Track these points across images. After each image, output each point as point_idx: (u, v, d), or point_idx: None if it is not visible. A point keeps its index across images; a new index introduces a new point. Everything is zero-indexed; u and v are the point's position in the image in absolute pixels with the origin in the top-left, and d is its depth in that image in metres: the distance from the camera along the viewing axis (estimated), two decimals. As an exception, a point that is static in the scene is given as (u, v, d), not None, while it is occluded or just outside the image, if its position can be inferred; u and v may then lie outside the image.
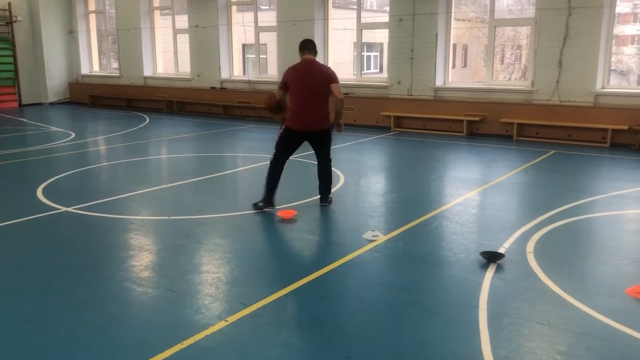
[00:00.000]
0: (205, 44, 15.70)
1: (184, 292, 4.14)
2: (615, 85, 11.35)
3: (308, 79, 6.02)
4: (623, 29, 31.38)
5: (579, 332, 3.52)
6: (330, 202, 6.41)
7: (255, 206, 6.17)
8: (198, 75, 16.10)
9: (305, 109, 6.02)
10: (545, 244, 5.12)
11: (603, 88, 10.65)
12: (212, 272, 4.51)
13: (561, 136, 10.78)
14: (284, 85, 6.07)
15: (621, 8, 30.52)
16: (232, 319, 3.69)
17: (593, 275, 4.53)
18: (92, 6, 18.88)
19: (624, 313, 3.78)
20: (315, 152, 6.39)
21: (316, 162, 6.44)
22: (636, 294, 4.04)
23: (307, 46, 6.14)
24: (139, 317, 3.77)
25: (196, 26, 15.71)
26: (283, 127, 6.16)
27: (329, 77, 6.07)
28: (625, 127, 10.12)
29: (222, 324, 3.61)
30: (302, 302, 3.95)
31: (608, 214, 6.19)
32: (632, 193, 7.08)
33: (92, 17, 19.03)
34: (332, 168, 6.53)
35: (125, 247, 5.13)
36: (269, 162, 6.26)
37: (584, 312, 3.79)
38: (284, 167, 6.25)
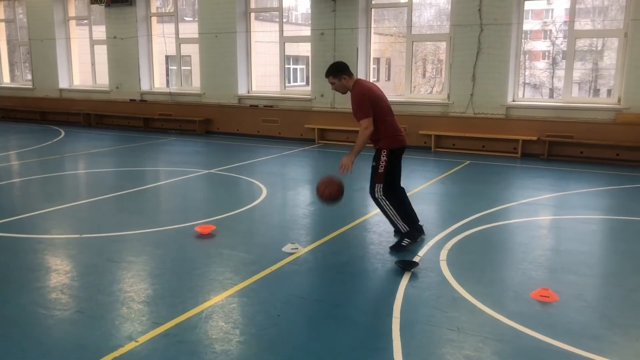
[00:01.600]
0: (124, 55, 15.27)
1: (93, 313, 3.97)
2: (524, 98, 11.99)
3: (384, 95, 5.50)
4: (535, 45, 33.30)
5: (486, 336, 3.65)
6: None
7: (401, 247, 5.33)
8: (117, 87, 15.62)
9: (397, 124, 5.49)
10: (457, 251, 5.30)
11: (514, 101, 11.21)
12: (124, 292, 4.35)
13: (476, 147, 11.25)
14: (371, 112, 5.26)
15: (532, 25, 32.38)
16: (143, 339, 3.57)
17: (501, 280, 4.73)
18: (1, 14, 17.94)
19: (528, 316, 3.96)
20: (398, 175, 5.68)
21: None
22: (540, 297, 4.25)
23: (347, 66, 5.45)
24: (43, 342, 3.57)
25: (114, 37, 15.26)
26: (386, 153, 5.34)
27: None
28: (534, 138, 10.69)
29: (132, 345, 3.49)
30: (217, 319, 3.87)
31: (518, 221, 6.49)
32: (541, 200, 7.47)
33: (1, 26, 18.08)
34: (254, 181, 6.48)
35: (31, 268, 4.86)
36: (380, 200, 5.40)
37: (492, 316, 3.94)
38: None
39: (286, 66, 14.07)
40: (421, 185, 8.26)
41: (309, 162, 10.80)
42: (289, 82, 22.48)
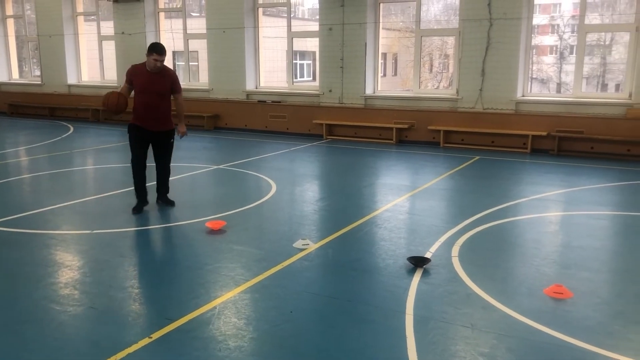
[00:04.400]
0: (132, 51, 15.27)
1: (106, 309, 3.97)
2: (534, 93, 11.92)
3: None
4: (542, 40, 33.09)
5: (501, 333, 3.63)
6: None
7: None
8: (125, 83, 15.61)
9: None
10: (469, 247, 5.28)
11: (523, 96, 11.14)
12: (136, 287, 4.36)
13: (485, 142, 11.20)
14: None
15: (540, 20, 32.19)
16: (156, 335, 3.57)
17: (514, 277, 4.70)
18: (9, 10, 18.00)
19: (542, 312, 3.93)
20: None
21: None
22: (553, 294, 4.22)
23: None
24: (56, 338, 3.58)
25: (122, 33, 15.28)
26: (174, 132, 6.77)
27: None
28: (544, 133, 10.62)
29: (145, 341, 3.49)
30: (230, 315, 3.87)
31: (529, 216, 6.46)
32: (551, 196, 7.42)
33: (10, 22, 18.14)
34: (263, 177, 6.49)
35: (43, 263, 4.87)
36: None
37: (505, 313, 3.92)
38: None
39: (293, 61, 14.04)
40: (431, 181, 8.23)
41: (317, 158, 10.77)
42: (296, 78, 22.43)
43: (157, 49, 6.12)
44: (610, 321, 3.86)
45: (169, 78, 6.33)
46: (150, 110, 6.22)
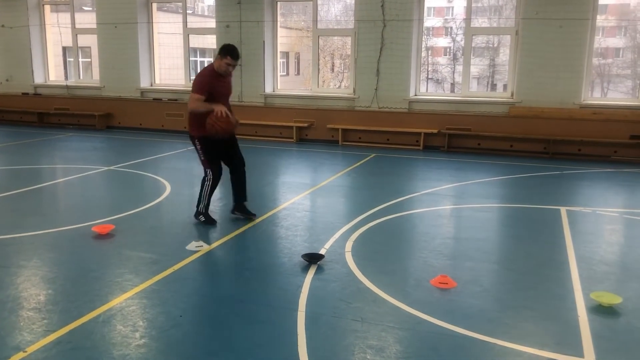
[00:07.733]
0: (14, 45, 14.27)
1: (-25, 324, 3.66)
2: (426, 93, 12.43)
3: None
4: (437, 41, 34.59)
5: (389, 325, 3.73)
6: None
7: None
8: (7, 80, 14.58)
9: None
10: (362, 242, 5.40)
11: (416, 95, 11.58)
12: (12, 299, 4.05)
13: (381, 140, 11.53)
14: None
15: (434, 22, 33.51)
16: (32, 348, 3.34)
17: (403, 269, 4.86)
18: None
19: (427, 303, 4.09)
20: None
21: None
22: (439, 284, 4.41)
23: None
24: None
25: (2, 26, 14.21)
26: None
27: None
28: (435, 131, 11.10)
29: (19, 356, 3.25)
30: (115, 323, 3.70)
31: (420, 210, 6.71)
32: (441, 191, 7.76)
33: None
34: (158, 177, 6.27)
35: None
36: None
37: (394, 305, 4.03)
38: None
39: (193, 59, 13.72)
40: (329, 178, 8.34)
41: (216, 157, 10.59)
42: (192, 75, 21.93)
43: (235, 53, 5.75)
44: (489, 307, 4.08)
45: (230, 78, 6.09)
46: (229, 115, 5.78)
